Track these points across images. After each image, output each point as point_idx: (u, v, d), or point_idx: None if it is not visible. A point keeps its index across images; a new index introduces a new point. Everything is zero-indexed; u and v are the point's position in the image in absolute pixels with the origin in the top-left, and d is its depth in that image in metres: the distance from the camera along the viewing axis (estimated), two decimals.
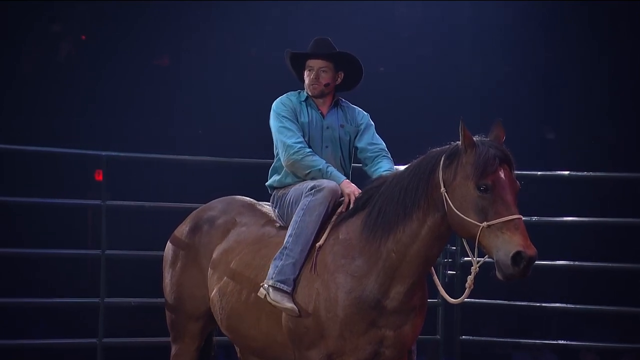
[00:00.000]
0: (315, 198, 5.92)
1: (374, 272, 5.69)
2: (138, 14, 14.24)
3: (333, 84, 6.31)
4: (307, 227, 5.87)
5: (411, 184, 5.64)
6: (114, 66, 14.08)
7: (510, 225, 5.30)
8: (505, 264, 5.27)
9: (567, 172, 9.32)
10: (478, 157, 5.43)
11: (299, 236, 5.86)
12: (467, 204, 5.41)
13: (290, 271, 5.81)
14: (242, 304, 6.07)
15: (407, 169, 5.76)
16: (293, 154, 6.13)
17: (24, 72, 14.11)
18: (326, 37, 6.34)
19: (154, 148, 10.56)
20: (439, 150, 5.68)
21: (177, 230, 6.61)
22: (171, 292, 6.50)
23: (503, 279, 5.32)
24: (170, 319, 6.55)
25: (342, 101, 6.42)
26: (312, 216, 5.88)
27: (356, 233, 5.79)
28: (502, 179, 5.41)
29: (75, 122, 13.62)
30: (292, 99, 6.32)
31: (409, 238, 5.63)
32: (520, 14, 14.41)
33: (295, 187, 6.17)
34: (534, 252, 5.26)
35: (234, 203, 6.53)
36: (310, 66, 6.28)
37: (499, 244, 5.29)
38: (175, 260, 6.51)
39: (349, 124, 6.34)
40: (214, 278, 6.27)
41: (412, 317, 5.76)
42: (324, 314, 5.70)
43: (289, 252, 5.85)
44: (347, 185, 6.05)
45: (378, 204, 5.75)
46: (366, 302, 5.67)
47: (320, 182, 5.98)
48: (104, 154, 8.70)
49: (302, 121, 6.24)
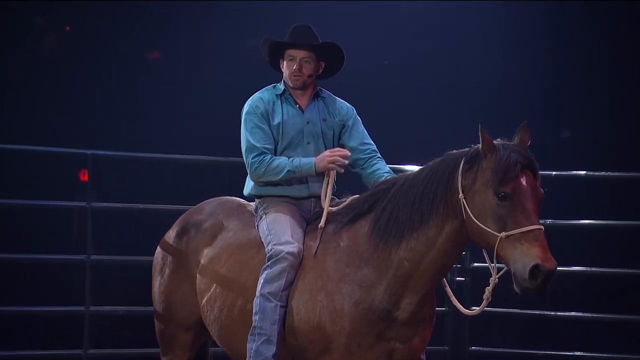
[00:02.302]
0: (272, 270, 5.86)
1: (384, 281, 5.68)
2: (127, 6, 14.24)
3: (315, 74, 6.27)
4: (268, 300, 5.81)
5: (428, 188, 5.61)
6: (101, 60, 14.08)
7: (530, 236, 5.29)
8: (522, 277, 5.26)
9: (583, 172, 9.34)
10: (498, 162, 5.40)
11: (264, 312, 5.81)
12: (486, 211, 5.40)
13: (267, 349, 5.80)
14: (233, 319, 6.07)
15: (422, 172, 5.72)
16: (254, 170, 6.14)
17: (5, 67, 14.11)
18: (306, 23, 6.27)
19: (143, 146, 10.57)
20: (458, 152, 5.65)
21: (166, 235, 6.61)
22: (160, 301, 6.49)
23: (520, 292, 5.32)
24: (160, 329, 6.54)
25: (322, 92, 6.36)
26: (271, 288, 5.82)
27: (362, 239, 5.78)
28: (523, 186, 5.38)
29: (60, 119, 13.63)
30: (264, 98, 6.26)
31: (424, 246, 5.61)
32: (531, 6, 14.41)
33: (269, 216, 6.08)
34: (553, 265, 5.24)
35: (221, 205, 6.52)
36: (292, 56, 6.20)
37: (516, 256, 5.29)
38: (163, 266, 6.51)
39: (331, 117, 6.28)
40: (202, 287, 6.26)
41: (422, 329, 5.77)
42: (329, 326, 5.70)
43: (259, 330, 5.82)
44: (321, 161, 6.01)
45: (389, 208, 5.72)
46: (375, 313, 5.66)
47: (277, 250, 5.88)
48: (89, 152, 8.72)
49: (274, 123, 6.20)
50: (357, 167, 6.29)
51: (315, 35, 6.25)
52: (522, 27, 14.47)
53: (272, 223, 6.05)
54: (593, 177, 9.36)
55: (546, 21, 14.47)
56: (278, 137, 6.21)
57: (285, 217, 6.05)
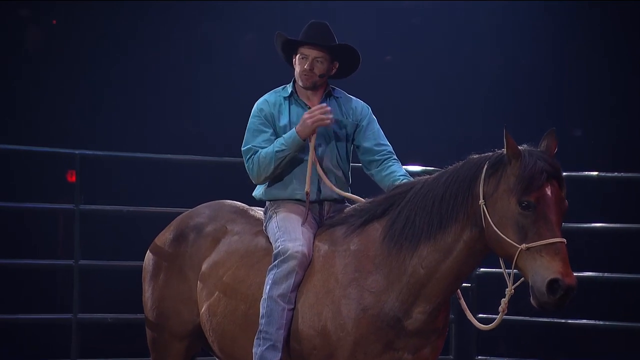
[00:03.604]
0: (280, 270, 5.86)
1: (396, 288, 5.65)
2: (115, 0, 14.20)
3: (328, 74, 6.26)
4: (276, 302, 5.81)
5: (448, 193, 5.58)
6: (90, 56, 14.04)
7: (551, 249, 5.27)
8: (540, 291, 5.25)
9: (595, 173, 9.32)
10: (523, 169, 5.38)
11: (271, 315, 5.81)
12: (507, 220, 5.38)
13: (272, 355, 5.79)
14: (236, 325, 6.05)
15: (441, 176, 5.69)
16: (251, 172, 6.19)
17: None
18: (323, 21, 6.27)
19: (133, 146, 10.54)
20: (481, 157, 5.62)
21: (159, 239, 6.56)
22: (152, 308, 6.45)
23: (537, 306, 5.32)
24: (152, 337, 6.49)
25: (335, 91, 6.36)
26: (279, 290, 5.82)
27: (374, 244, 5.76)
28: (548, 196, 5.36)
29: (46, 117, 13.59)
30: (269, 100, 6.27)
31: (441, 253, 5.59)
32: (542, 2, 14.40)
33: (279, 215, 6.09)
34: (574, 281, 5.23)
35: (223, 208, 6.49)
36: (304, 54, 6.19)
37: (536, 268, 5.27)
38: (156, 271, 6.47)
39: (345, 117, 6.27)
40: (204, 293, 6.23)
41: (433, 340, 5.73)
42: (334, 333, 5.68)
43: (264, 334, 5.82)
44: (302, 124, 6.02)
45: (405, 212, 5.69)
46: (385, 320, 5.64)
47: (285, 248, 5.88)
48: (77, 152, 8.71)
49: (281, 125, 6.20)
50: (372, 169, 6.27)
51: (332, 34, 6.25)
52: (532, 22, 14.46)
53: (282, 221, 6.05)
54: (606, 178, 9.32)
55: (558, 15, 14.45)
56: None
57: (297, 217, 6.06)
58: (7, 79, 13.83)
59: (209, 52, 14.43)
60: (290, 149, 6.08)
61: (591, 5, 14.12)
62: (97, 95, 13.93)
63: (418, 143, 12.71)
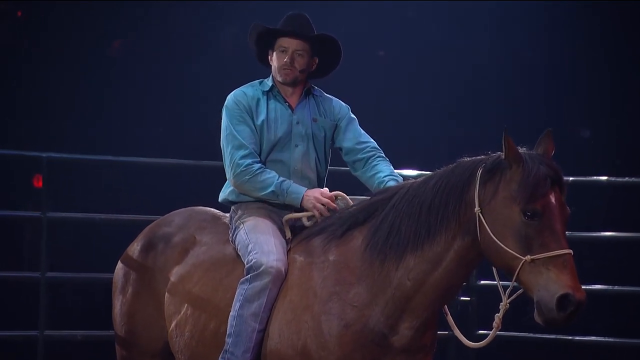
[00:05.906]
0: (252, 286, 5.81)
1: (380, 301, 5.61)
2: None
3: (307, 70, 6.24)
4: (245, 322, 5.78)
5: (437, 199, 5.53)
6: (58, 51, 14.04)
7: (558, 261, 5.23)
8: (548, 306, 5.21)
9: (605, 178, 9.33)
10: (527, 175, 5.34)
11: (239, 336, 5.78)
12: (508, 230, 5.33)
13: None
14: (206, 346, 6.01)
15: (429, 180, 5.65)
16: (238, 173, 6.08)
17: None
18: (302, 12, 6.25)
19: (104, 149, 10.53)
20: (473, 160, 5.58)
21: (129, 249, 6.55)
22: (122, 324, 6.43)
23: (543, 323, 5.27)
24: (121, 355, 6.49)
25: (314, 90, 6.35)
26: (250, 308, 5.79)
27: (355, 254, 5.71)
28: (552, 204, 5.33)
29: (10, 118, 13.58)
30: (248, 93, 6.22)
31: (429, 263, 5.54)
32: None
33: (247, 224, 6.04)
34: (584, 296, 5.20)
35: (193, 216, 6.47)
36: (284, 47, 6.18)
37: (542, 283, 5.23)
38: (125, 285, 6.45)
39: (322, 117, 6.27)
40: (171, 308, 6.21)
41: (421, 358, 5.69)
42: (315, 352, 5.64)
43: (230, 355, 5.80)
44: (308, 199, 5.99)
45: (389, 220, 5.65)
46: (369, 337, 5.59)
47: (259, 262, 5.83)
48: (44, 155, 8.70)
49: (258, 122, 6.16)
50: (357, 170, 6.27)
51: (312, 26, 6.24)
52: (539, 20, 14.51)
53: (251, 231, 6.00)
54: (616, 183, 9.33)
55: (566, 14, 14.51)
56: (262, 138, 6.18)
57: (267, 224, 6.03)
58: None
59: (181, 53, 14.44)
60: (285, 200, 6.04)
61: (591, 5, 14.18)
62: (65, 96, 13.91)
63: (411, 143, 12.73)
